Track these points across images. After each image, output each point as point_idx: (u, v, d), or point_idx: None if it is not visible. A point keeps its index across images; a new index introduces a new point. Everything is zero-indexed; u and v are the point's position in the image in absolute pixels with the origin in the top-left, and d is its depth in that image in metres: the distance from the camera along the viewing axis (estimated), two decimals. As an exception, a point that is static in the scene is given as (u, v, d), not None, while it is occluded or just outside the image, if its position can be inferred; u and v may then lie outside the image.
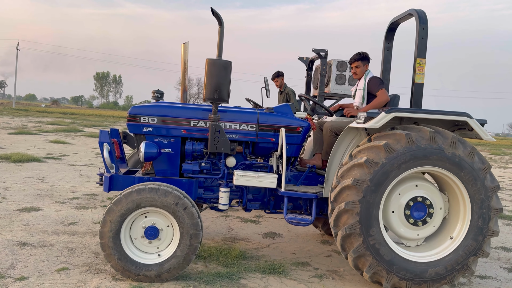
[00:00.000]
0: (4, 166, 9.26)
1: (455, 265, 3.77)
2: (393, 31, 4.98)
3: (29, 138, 16.07)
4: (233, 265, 4.28)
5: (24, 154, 10.54)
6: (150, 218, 3.76)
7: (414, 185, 3.91)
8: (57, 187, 7.52)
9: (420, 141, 3.70)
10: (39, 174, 8.65)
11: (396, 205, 3.89)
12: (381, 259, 3.70)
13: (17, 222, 5.26)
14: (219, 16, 3.92)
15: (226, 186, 4.25)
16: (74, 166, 10.14)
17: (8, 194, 6.69)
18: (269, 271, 4.19)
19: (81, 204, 6.48)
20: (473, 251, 3.79)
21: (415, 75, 4.23)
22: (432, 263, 3.78)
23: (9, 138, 15.18)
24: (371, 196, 3.68)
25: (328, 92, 7.99)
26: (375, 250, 3.69)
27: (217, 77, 3.87)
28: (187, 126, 4.23)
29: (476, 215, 3.78)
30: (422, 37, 4.19)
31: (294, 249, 5.12)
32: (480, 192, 3.76)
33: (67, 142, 15.60)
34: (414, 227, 3.91)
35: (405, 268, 3.73)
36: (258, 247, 5.08)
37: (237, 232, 5.65)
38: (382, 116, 3.81)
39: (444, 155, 3.70)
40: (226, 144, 4.13)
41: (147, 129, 4.18)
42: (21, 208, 5.92)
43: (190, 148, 4.25)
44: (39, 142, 14.69)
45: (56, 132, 19.53)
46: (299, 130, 4.40)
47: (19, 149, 11.99)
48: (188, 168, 4.21)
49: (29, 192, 6.98)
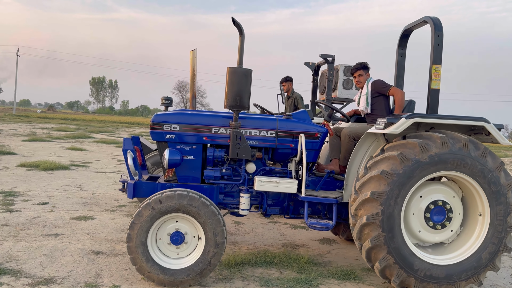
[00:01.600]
0: (37, 174, 9.38)
1: (481, 263, 3.86)
2: (406, 37, 5.07)
3: (45, 145, 16.15)
4: (307, 271, 4.40)
5: (52, 162, 10.69)
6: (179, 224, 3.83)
7: (435, 188, 3.98)
8: (98, 195, 7.62)
9: (432, 147, 3.78)
10: (74, 182, 8.78)
11: (416, 208, 3.97)
12: (407, 266, 3.77)
13: (79, 231, 5.36)
14: (239, 26, 4.00)
15: (247, 191, 4.31)
16: (104, 174, 10.27)
17: (56, 203, 6.79)
18: (343, 277, 4.31)
19: (130, 211, 6.60)
20: (496, 248, 3.87)
21: (431, 81, 4.32)
22: (457, 264, 3.86)
23: (26, 146, 15.26)
24: (391, 207, 3.75)
25: (335, 97, 8.11)
26: (400, 258, 3.76)
27: (238, 85, 3.94)
28: (208, 133, 4.30)
29: (495, 213, 3.87)
30: (438, 44, 4.28)
31: (355, 254, 5.23)
32: (497, 189, 3.85)
33: (84, 149, 15.71)
34: (433, 230, 3.98)
35: (431, 271, 3.80)
36: (320, 253, 5.21)
37: (293, 239, 5.76)
38: (402, 121, 3.89)
39: (457, 158, 3.78)
40: (247, 151, 4.20)
41: (169, 137, 4.24)
42: (75, 217, 6.03)
43: (212, 154, 4.31)
44: (57, 149, 14.79)
45: (67, 139, 19.66)
46: (317, 136, 4.48)
47: (41, 157, 12.15)
48: (209, 174, 4.28)
49: (74, 200, 7.10)
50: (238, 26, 4.00)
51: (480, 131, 4.16)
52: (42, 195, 7.27)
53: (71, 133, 23.25)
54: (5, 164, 10.46)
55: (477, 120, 3.97)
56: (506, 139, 3.98)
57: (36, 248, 4.59)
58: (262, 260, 4.61)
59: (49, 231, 5.27)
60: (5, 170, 9.64)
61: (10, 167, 10.08)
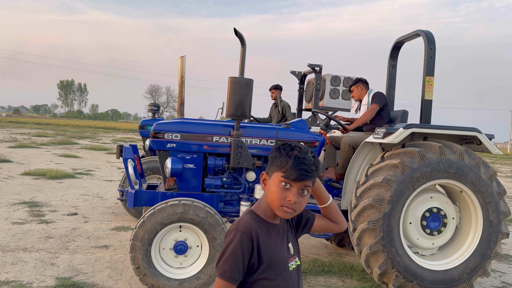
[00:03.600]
0: (47, 183, 9.17)
1: (473, 268, 4.04)
2: (397, 49, 5.25)
3: (35, 152, 15.71)
4: (366, 279, 4.46)
5: (58, 171, 10.53)
6: (182, 233, 3.81)
7: (429, 197, 4.14)
8: (120, 205, 7.27)
9: (431, 156, 3.93)
10: (89, 191, 8.61)
11: (413, 217, 4.11)
12: (405, 271, 3.89)
13: (126, 241, 5.30)
14: (241, 37, 4.04)
15: (248, 200, 4.34)
16: (112, 182, 10.09)
17: (85, 213, 6.67)
18: None
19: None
20: (487, 254, 4.05)
21: (425, 92, 4.49)
22: (452, 269, 4.02)
23: (16, 152, 14.79)
24: (391, 213, 3.87)
25: (322, 106, 8.25)
26: (399, 264, 3.88)
27: (240, 94, 3.98)
28: (209, 141, 4.30)
29: (487, 220, 4.05)
30: (431, 56, 4.45)
31: None
32: (489, 197, 4.03)
33: (77, 156, 15.36)
34: (430, 237, 4.13)
35: (429, 277, 3.94)
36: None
37: (334, 247, 5.78)
38: (400, 131, 4.02)
39: (454, 167, 3.95)
40: (249, 159, 4.23)
41: (171, 145, 4.23)
42: (113, 227, 5.96)
43: (213, 163, 4.32)
44: (50, 157, 14.42)
45: (53, 145, 19.18)
46: (315, 145, 4.56)
47: (39, 165, 11.91)
48: (210, 183, 4.28)
49: (102, 210, 6.97)
50: (240, 37, 4.05)
51: (472, 140, 4.35)
52: (66, 205, 7.15)
53: (53, 139, 22.59)
54: (7, 173, 10.20)
55: (470, 130, 4.16)
56: (496, 149, 4.18)
57: (96, 261, 4.57)
58: (321, 269, 4.68)
59: (97, 242, 5.23)
60: (12, 179, 9.41)
61: (15, 176, 9.85)
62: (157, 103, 8.13)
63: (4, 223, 5.80)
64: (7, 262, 4.34)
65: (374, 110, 4.92)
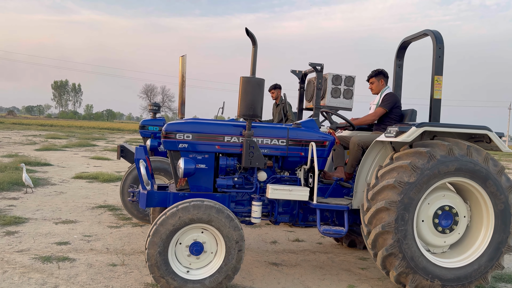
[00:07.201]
0: (105, 187, 9.35)
1: (488, 263, 4.08)
2: (404, 49, 5.27)
3: (64, 155, 15.79)
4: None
5: (109, 174, 10.69)
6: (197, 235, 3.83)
7: (442, 195, 4.17)
8: None
9: (440, 155, 3.95)
10: None
11: (425, 215, 4.13)
12: (422, 271, 3.92)
13: None
14: (253, 36, 4.05)
15: (259, 199, 4.34)
16: None
17: None
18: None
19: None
20: (501, 248, 4.09)
21: (433, 91, 4.52)
22: (467, 266, 4.06)
23: (48, 155, 14.83)
24: (405, 215, 3.89)
25: (324, 105, 8.27)
26: (415, 264, 3.91)
27: (251, 94, 3.98)
28: (221, 142, 4.30)
29: (498, 215, 4.08)
30: (439, 55, 4.47)
31: None
32: (499, 192, 4.06)
33: (108, 158, 15.45)
34: (442, 235, 4.16)
35: (446, 275, 3.97)
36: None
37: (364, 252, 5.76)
38: (413, 130, 4.04)
39: (463, 165, 3.97)
40: (260, 159, 4.24)
41: (182, 146, 4.22)
42: None
43: (224, 163, 4.32)
44: (82, 160, 14.54)
45: (75, 147, 19.33)
46: (325, 144, 4.57)
47: (79, 168, 12.06)
48: (222, 183, 4.28)
49: None
50: (251, 36, 4.05)
51: (481, 138, 4.38)
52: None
53: (70, 141, 22.53)
54: (58, 177, 10.26)
55: (481, 128, 4.19)
56: (506, 147, 4.22)
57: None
58: None
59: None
60: (68, 183, 9.47)
61: (68, 180, 9.93)
62: (158, 103, 8.11)
63: (100, 227, 5.90)
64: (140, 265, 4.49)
65: (378, 114, 4.93)
